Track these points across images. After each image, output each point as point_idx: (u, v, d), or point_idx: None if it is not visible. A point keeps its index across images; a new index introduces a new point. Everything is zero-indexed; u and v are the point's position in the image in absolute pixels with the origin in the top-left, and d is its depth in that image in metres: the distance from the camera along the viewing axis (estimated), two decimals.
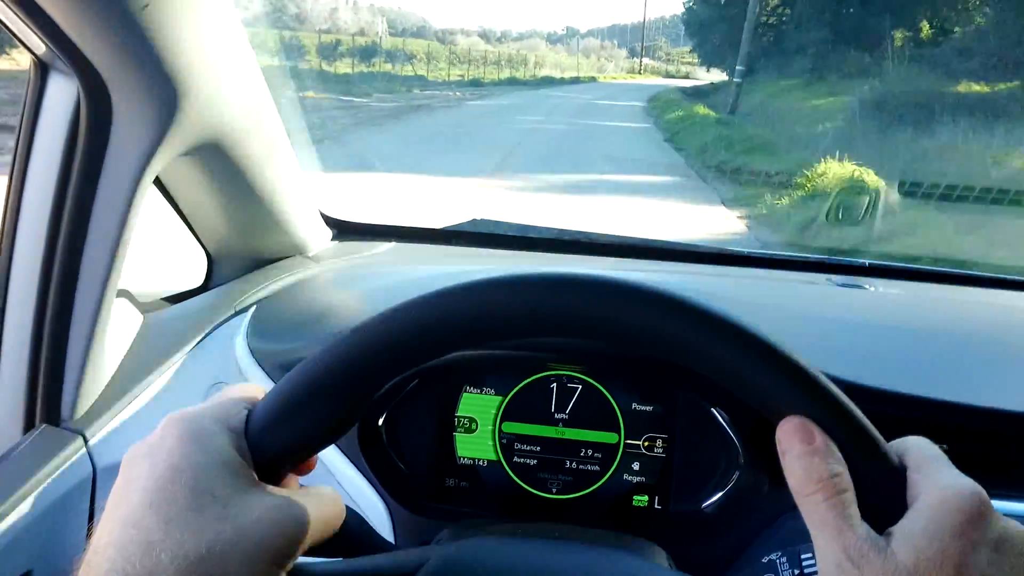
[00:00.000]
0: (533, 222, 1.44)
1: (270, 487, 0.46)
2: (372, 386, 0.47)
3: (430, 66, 31.78)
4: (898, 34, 17.97)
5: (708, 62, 32.01)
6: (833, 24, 19.66)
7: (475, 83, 29.41)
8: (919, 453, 0.45)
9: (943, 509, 0.40)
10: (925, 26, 18.06)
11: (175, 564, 0.40)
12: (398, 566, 0.50)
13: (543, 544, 0.53)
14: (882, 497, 0.42)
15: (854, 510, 0.41)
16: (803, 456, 0.42)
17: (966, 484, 0.42)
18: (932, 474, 0.43)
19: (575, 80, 39.86)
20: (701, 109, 15.35)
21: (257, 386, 0.51)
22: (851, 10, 19.43)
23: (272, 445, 0.46)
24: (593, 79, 42.79)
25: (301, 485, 0.51)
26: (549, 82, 36.19)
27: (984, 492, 0.41)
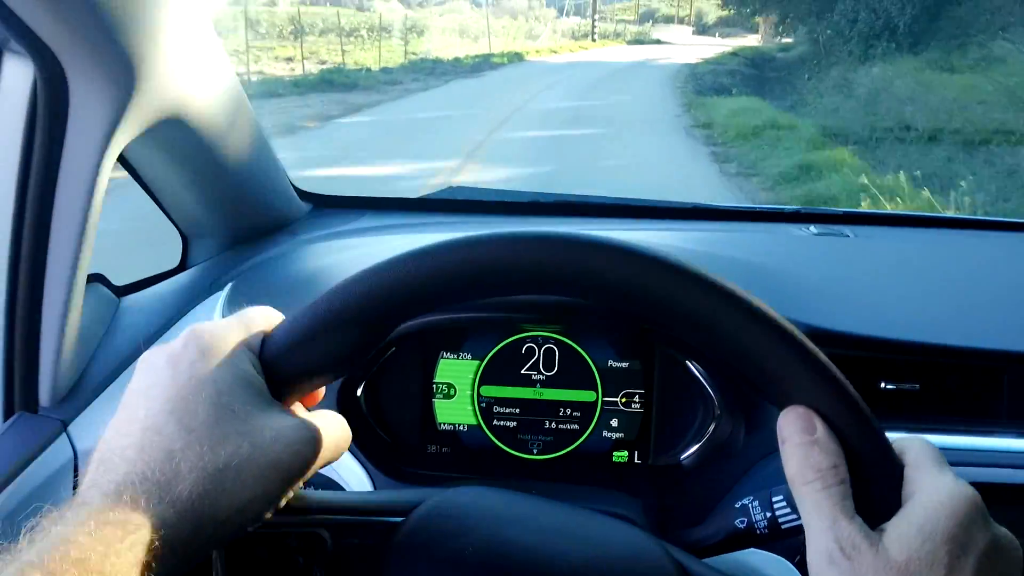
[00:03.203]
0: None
1: (285, 408, 0.47)
2: (388, 322, 0.48)
3: None
4: None
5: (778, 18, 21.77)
6: None
7: None
8: (919, 453, 0.45)
9: (938, 511, 0.40)
10: None
11: (193, 475, 0.41)
12: (395, 502, 0.52)
13: (535, 498, 0.54)
14: (878, 493, 0.43)
15: (850, 503, 0.42)
16: (803, 446, 0.43)
17: (963, 488, 0.42)
18: (930, 475, 0.43)
19: (483, 63, 20.58)
20: None
21: (274, 311, 0.52)
22: None
23: (287, 367, 0.47)
24: (518, 57, 24.04)
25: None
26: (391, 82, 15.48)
27: (980, 498, 0.42)
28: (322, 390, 0.52)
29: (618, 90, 14.78)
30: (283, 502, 0.46)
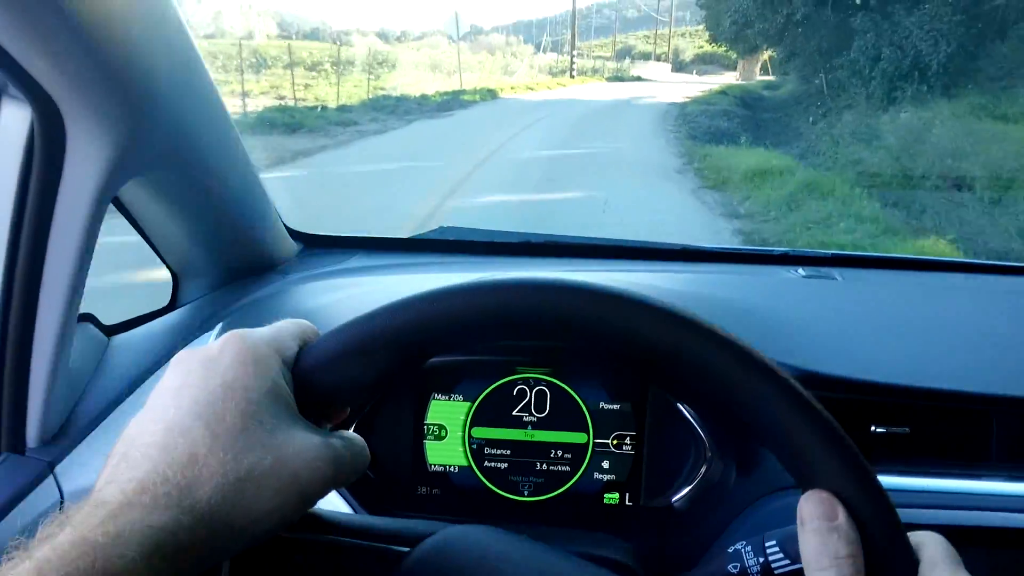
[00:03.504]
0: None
1: (310, 424, 0.47)
2: (424, 352, 0.48)
3: None
4: None
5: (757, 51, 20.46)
6: None
7: None
8: (935, 551, 0.44)
9: None
10: None
11: (214, 481, 0.41)
12: (404, 531, 0.52)
13: (542, 545, 0.54)
14: None
15: None
16: (822, 532, 0.43)
17: None
18: (945, 575, 0.43)
19: (453, 101, 18.43)
20: None
21: (311, 326, 0.52)
22: None
23: (318, 384, 0.48)
24: (492, 95, 21.60)
25: None
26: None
27: None
28: (347, 410, 0.53)
29: (603, 134, 12.78)
30: (297, 518, 0.46)
